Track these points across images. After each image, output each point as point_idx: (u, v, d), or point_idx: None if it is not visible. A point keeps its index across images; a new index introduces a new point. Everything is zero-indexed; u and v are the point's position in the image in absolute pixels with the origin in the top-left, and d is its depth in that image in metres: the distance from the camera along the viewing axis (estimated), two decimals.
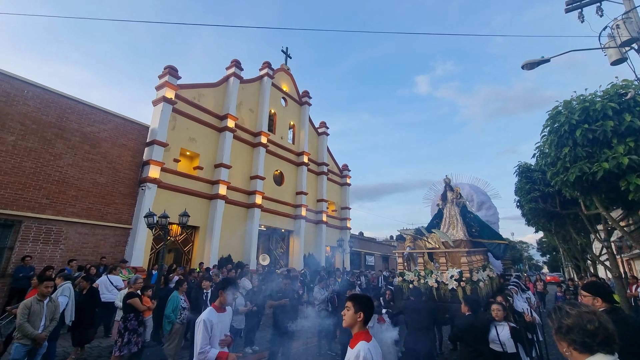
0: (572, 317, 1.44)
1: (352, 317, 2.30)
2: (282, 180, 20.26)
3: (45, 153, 10.51)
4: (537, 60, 7.72)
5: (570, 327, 1.43)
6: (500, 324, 4.22)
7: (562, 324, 1.46)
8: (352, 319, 2.30)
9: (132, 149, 12.91)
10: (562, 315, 1.48)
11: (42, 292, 4.70)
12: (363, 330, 2.29)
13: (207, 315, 3.12)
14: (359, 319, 2.28)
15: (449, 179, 8.54)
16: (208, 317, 3.09)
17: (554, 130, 6.75)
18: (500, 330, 4.18)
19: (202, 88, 16.34)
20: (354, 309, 2.29)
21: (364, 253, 29.26)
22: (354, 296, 2.40)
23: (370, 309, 2.33)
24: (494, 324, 4.26)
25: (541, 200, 10.72)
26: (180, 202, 13.54)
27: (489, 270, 7.42)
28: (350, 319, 2.31)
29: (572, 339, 1.42)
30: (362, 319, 2.28)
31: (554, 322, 1.51)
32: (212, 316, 3.15)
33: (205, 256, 14.42)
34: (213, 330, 3.07)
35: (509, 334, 4.12)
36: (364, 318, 2.29)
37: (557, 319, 1.50)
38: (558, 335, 1.48)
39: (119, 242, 11.94)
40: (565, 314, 1.47)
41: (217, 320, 3.16)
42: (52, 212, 10.38)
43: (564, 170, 6.67)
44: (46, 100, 10.82)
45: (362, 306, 2.30)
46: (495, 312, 4.27)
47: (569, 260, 21.04)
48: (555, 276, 34.71)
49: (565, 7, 7.67)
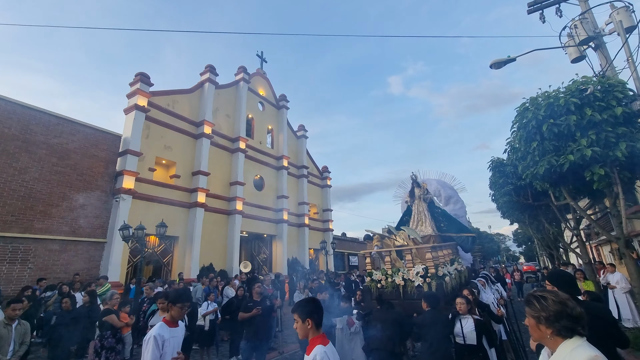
0: (558, 305, 1.51)
1: (302, 328, 2.23)
2: (263, 185, 20.08)
3: (9, 167, 9.94)
4: (504, 59, 8.05)
5: (559, 315, 1.49)
6: (465, 317, 4.23)
7: (550, 312, 1.51)
8: (303, 329, 2.23)
9: (104, 159, 12.42)
10: (549, 304, 1.53)
11: (10, 315, 4.42)
12: (318, 334, 2.23)
13: (157, 331, 2.84)
14: (309, 327, 2.21)
15: (416, 175, 8.58)
16: (159, 333, 2.82)
17: (522, 125, 7.03)
18: (465, 323, 4.19)
19: (176, 95, 15.97)
20: (300, 320, 2.23)
21: (347, 254, 29.40)
22: (296, 306, 2.30)
23: (317, 312, 2.25)
24: (458, 318, 4.27)
25: (514, 193, 11.12)
26: (157, 212, 13.13)
27: (458, 263, 7.48)
28: (301, 331, 2.24)
29: (561, 326, 1.49)
30: (312, 325, 2.21)
31: (540, 311, 1.55)
32: (163, 331, 2.88)
33: (185, 266, 14.04)
34: (165, 347, 2.79)
35: (472, 326, 4.13)
36: (314, 323, 2.22)
37: (544, 308, 1.54)
38: (545, 323, 1.53)
39: (94, 257, 11.43)
40: (552, 302, 1.53)
41: (168, 336, 2.88)
42: (19, 229, 9.81)
43: (533, 163, 6.96)
44: (8, 111, 10.25)
45: (307, 313, 2.23)
46: (459, 305, 4.29)
47: (543, 249, 21.97)
48: (531, 265, 36.08)
49: (528, 8, 8.06)
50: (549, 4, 7.86)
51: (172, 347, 2.90)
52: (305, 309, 2.26)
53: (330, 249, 21.29)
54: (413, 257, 6.43)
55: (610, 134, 5.85)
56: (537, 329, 1.57)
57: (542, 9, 8.01)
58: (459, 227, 8.36)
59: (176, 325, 3.06)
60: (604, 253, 18.35)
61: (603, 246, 18.00)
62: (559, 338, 1.50)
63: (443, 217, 8.36)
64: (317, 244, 22.54)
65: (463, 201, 9.84)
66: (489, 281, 7.59)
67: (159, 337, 2.79)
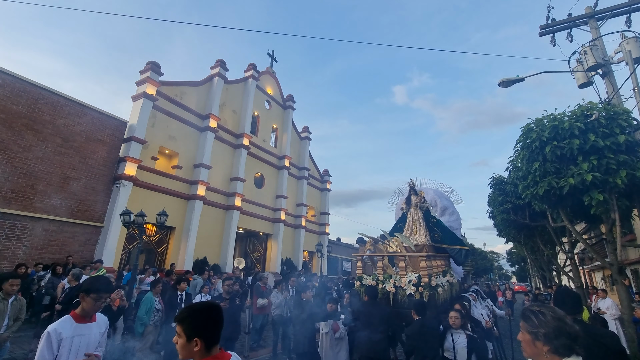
0: (557, 322, 1.46)
1: (185, 348, 1.50)
2: (263, 183, 20.13)
3: (13, 144, 9.98)
4: (512, 78, 8.17)
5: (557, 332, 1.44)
6: (457, 332, 4.08)
7: (549, 328, 1.45)
8: (186, 351, 1.50)
9: (108, 144, 12.47)
10: (548, 320, 1.47)
11: (7, 291, 4.45)
12: (209, 356, 1.52)
13: (55, 326, 2.32)
14: (196, 348, 1.48)
15: (414, 182, 8.45)
16: (55, 329, 2.30)
17: (526, 145, 7.11)
18: (457, 338, 4.04)
19: (185, 86, 16.06)
20: (185, 336, 1.50)
21: (341, 259, 29.40)
22: (183, 317, 1.54)
23: (212, 327, 1.55)
24: (450, 332, 4.11)
25: (512, 212, 11.20)
26: (156, 201, 13.17)
27: (450, 275, 7.38)
28: (183, 351, 1.50)
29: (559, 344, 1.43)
30: (201, 347, 1.49)
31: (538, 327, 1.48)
32: (63, 327, 2.35)
33: (179, 258, 14.05)
34: (64, 348, 2.28)
35: (465, 342, 3.97)
36: (204, 344, 1.50)
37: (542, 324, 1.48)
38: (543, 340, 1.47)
39: (89, 240, 11.45)
40: (551, 318, 1.47)
41: (71, 334, 2.36)
42: (18, 206, 9.84)
43: (534, 184, 7.03)
44: (17, 88, 10.30)
45: (194, 328, 1.50)
46: (453, 319, 4.10)
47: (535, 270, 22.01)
48: (522, 285, 36.26)
49: (540, 31, 8.18)
50: (561, 29, 7.99)
51: (76, 347, 2.38)
52: (193, 321, 1.52)
53: (326, 252, 21.32)
54: (406, 265, 6.38)
55: (611, 160, 5.93)
56: (533, 345, 1.51)
57: (554, 33, 8.15)
58: (453, 239, 8.24)
59: (89, 320, 2.54)
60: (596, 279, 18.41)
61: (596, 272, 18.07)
62: (555, 356, 1.45)
63: (438, 227, 8.22)
64: (312, 247, 22.58)
65: (459, 213, 9.78)
66: (480, 296, 7.59)
67: (54, 333, 2.28)
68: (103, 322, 2.73)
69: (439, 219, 8.76)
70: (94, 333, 2.58)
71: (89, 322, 2.55)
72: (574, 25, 7.80)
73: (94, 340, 2.56)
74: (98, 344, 2.63)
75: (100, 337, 2.66)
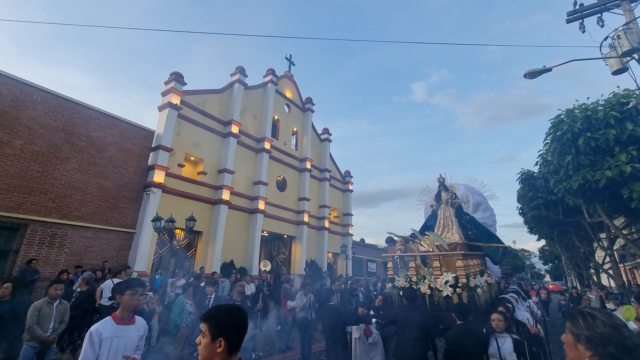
0: (609, 328, 1.34)
1: (207, 348, 1.48)
2: (285, 186, 20.34)
3: (52, 157, 10.64)
4: (539, 69, 7.84)
5: (606, 339, 1.32)
6: (502, 336, 3.83)
7: (597, 332, 1.34)
8: (209, 351, 1.48)
9: (138, 153, 13.04)
10: (597, 324, 1.36)
11: (52, 295, 4.76)
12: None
13: (97, 326, 2.42)
14: (219, 349, 1.46)
15: (443, 178, 8.05)
16: (97, 329, 2.39)
17: (556, 138, 6.83)
18: (502, 342, 3.78)
19: (207, 94, 16.53)
20: (209, 335, 1.49)
21: (366, 260, 29.19)
22: (210, 315, 1.55)
23: (237, 329, 1.54)
24: (494, 336, 3.87)
25: (544, 207, 10.77)
26: (184, 207, 13.62)
27: (487, 275, 7.01)
28: (205, 351, 1.49)
29: (605, 351, 1.31)
30: (224, 348, 1.47)
31: (584, 329, 1.38)
32: (104, 328, 2.44)
33: (207, 261, 14.43)
34: (104, 348, 2.36)
35: (511, 347, 3.71)
36: (228, 346, 1.48)
37: (590, 327, 1.37)
38: (587, 344, 1.36)
39: (123, 246, 11.99)
40: (601, 323, 1.36)
41: (110, 335, 2.44)
42: (58, 215, 10.47)
43: (567, 178, 6.74)
44: (54, 105, 10.97)
45: (220, 328, 1.49)
46: (496, 322, 3.87)
47: (571, 268, 20.95)
48: (557, 284, 34.50)
49: (567, 18, 7.82)
50: (590, 13, 7.61)
51: (115, 348, 2.43)
52: (220, 320, 1.52)
53: (350, 254, 21.26)
54: (441, 265, 6.05)
55: None
56: (575, 348, 1.41)
57: (582, 19, 7.76)
58: (488, 236, 7.75)
59: (129, 323, 2.60)
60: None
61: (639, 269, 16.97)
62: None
63: (471, 224, 7.81)
64: (336, 248, 22.57)
65: (493, 209, 9.08)
66: (521, 296, 7.21)
67: (96, 334, 2.37)
68: (142, 326, 2.75)
69: (472, 215, 8.32)
70: (133, 336, 2.61)
71: (128, 325, 2.60)
72: (605, 9, 7.40)
73: (132, 342, 2.59)
74: (137, 347, 2.66)
75: (139, 341, 2.68)
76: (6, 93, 9.95)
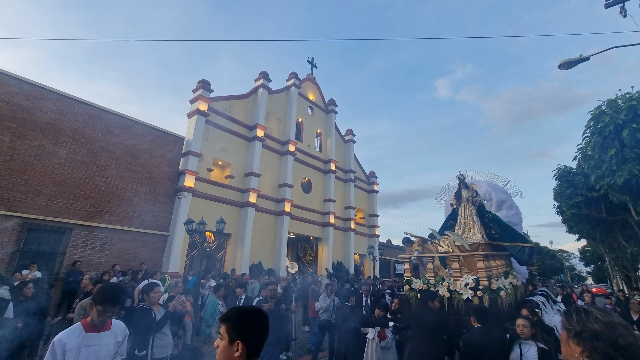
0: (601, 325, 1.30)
1: (224, 352, 1.39)
2: (310, 187, 20.47)
3: (93, 165, 11.32)
4: (576, 59, 7.42)
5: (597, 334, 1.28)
6: (526, 343, 3.56)
7: (586, 327, 1.31)
8: (226, 355, 1.38)
9: (169, 159, 13.60)
10: (589, 320, 1.33)
11: None
12: None
13: (60, 335, 2.22)
14: (237, 353, 1.36)
15: (463, 175, 7.70)
16: (61, 339, 2.19)
17: (597, 131, 6.43)
18: (526, 349, 3.52)
19: (233, 100, 16.98)
20: (227, 337, 1.39)
21: (393, 261, 28.75)
22: (229, 315, 1.45)
23: (258, 332, 1.44)
24: (518, 342, 3.61)
25: (584, 205, 10.15)
26: (213, 209, 14.04)
27: (512, 277, 6.64)
28: (222, 355, 1.39)
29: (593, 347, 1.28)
30: (242, 352, 1.37)
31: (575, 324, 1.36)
32: (69, 337, 2.22)
33: (237, 263, 14.78)
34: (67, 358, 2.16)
35: (535, 356, 3.43)
36: (245, 351, 1.38)
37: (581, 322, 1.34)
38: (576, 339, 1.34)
39: (158, 248, 12.54)
40: (594, 318, 1.33)
41: (78, 344, 2.22)
42: (99, 220, 11.12)
43: (610, 173, 6.31)
44: (93, 115, 11.68)
45: (240, 330, 1.40)
46: (521, 328, 3.60)
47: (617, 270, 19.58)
48: (602, 287, 32.26)
49: (606, 2, 7.35)
50: None
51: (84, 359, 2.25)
52: (239, 322, 1.42)
53: (377, 255, 21.03)
54: (461, 266, 5.77)
55: None
56: (567, 344, 1.38)
57: (624, 1, 7.27)
58: (513, 235, 7.30)
59: (101, 329, 2.35)
60: None
61: None
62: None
63: (494, 223, 7.39)
64: (363, 249, 22.41)
65: (518, 207, 8.60)
66: (550, 300, 6.82)
67: (59, 344, 2.17)
68: (120, 330, 2.50)
69: (495, 214, 7.86)
70: (107, 343, 2.37)
71: (101, 332, 2.34)
72: None
73: (106, 351, 2.36)
74: (115, 353, 2.46)
75: (116, 347, 2.46)
76: (51, 107, 10.72)
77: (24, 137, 10.00)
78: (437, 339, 4.29)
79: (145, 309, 4.01)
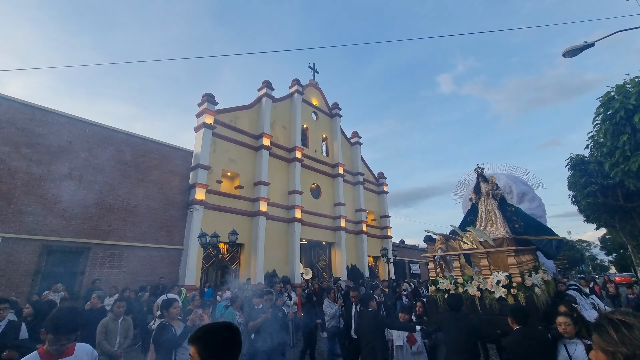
0: None
1: None
2: (320, 193, 20.49)
3: (106, 185, 11.57)
4: (580, 46, 7.31)
5: None
6: (572, 342, 3.25)
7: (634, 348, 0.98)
8: None
9: (179, 174, 13.81)
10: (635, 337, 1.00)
11: (116, 312, 5.15)
12: None
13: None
14: None
15: (482, 168, 7.49)
16: None
17: (607, 117, 6.31)
18: (572, 349, 3.20)
19: (238, 111, 17.18)
20: (199, 357, 1.36)
21: (408, 261, 28.47)
22: (198, 336, 1.41)
23: (230, 350, 1.40)
24: (562, 342, 3.31)
25: (600, 193, 9.93)
26: (224, 221, 14.16)
27: (542, 272, 6.40)
28: None
29: None
30: None
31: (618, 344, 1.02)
32: None
33: (251, 272, 14.85)
34: None
35: (584, 355, 3.11)
36: None
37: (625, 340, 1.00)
38: None
39: (173, 262, 12.70)
40: None
41: None
42: (115, 237, 11.33)
43: (624, 159, 6.18)
44: (104, 136, 11.97)
45: (211, 350, 1.36)
46: (564, 326, 3.30)
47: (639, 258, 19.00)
48: (626, 276, 31.17)
49: None
50: None
51: None
52: (211, 340, 1.39)
53: (391, 256, 20.87)
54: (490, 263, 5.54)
55: None
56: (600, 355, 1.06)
57: None
58: (538, 228, 7.06)
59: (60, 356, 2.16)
60: None
61: None
62: None
63: (517, 216, 7.16)
64: (376, 251, 22.28)
65: (540, 198, 8.23)
66: (582, 293, 6.59)
67: None
68: (85, 354, 2.30)
69: (517, 206, 7.60)
70: None
71: (61, 358, 2.14)
72: None
73: None
74: None
75: None
76: (63, 131, 11.02)
77: (39, 162, 10.30)
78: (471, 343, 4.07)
79: (165, 325, 4.04)
